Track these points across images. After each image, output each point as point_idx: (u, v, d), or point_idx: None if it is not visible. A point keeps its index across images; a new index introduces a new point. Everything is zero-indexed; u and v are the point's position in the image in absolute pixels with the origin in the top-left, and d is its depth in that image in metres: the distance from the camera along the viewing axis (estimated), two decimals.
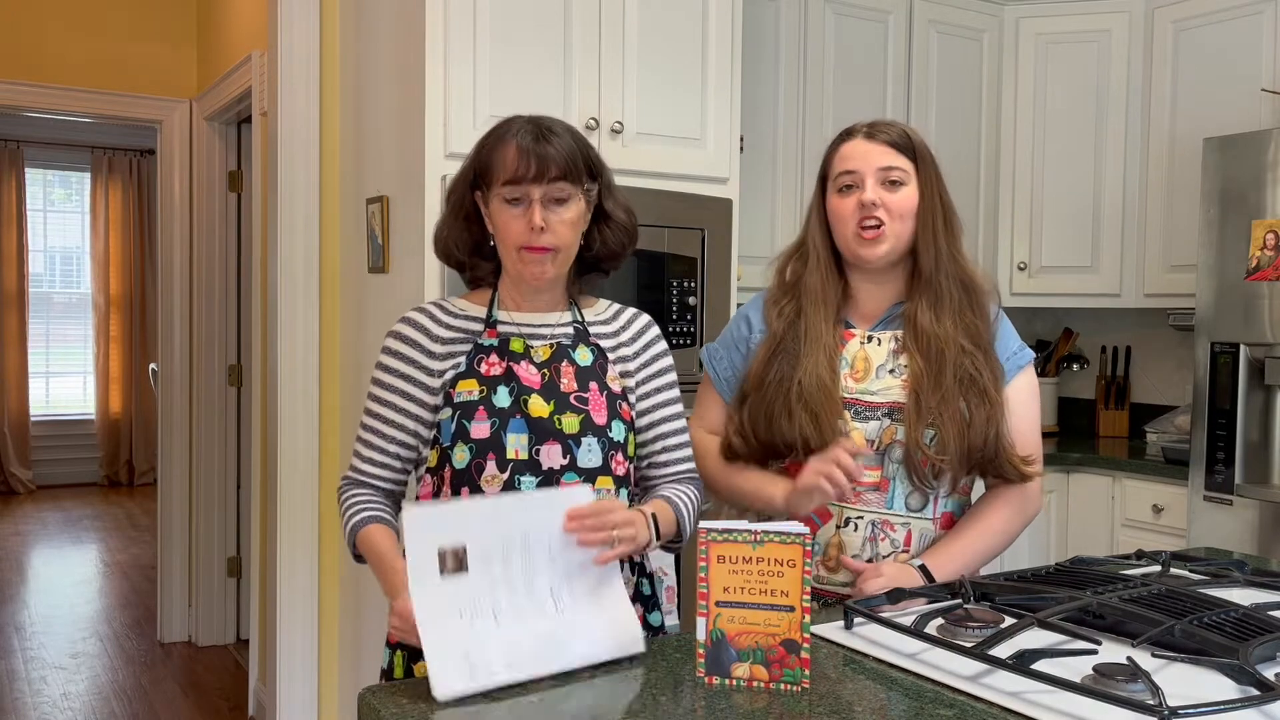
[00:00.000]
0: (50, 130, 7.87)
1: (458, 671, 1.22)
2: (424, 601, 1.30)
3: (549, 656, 1.27)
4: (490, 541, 1.34)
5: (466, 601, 1.31)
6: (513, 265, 1.56)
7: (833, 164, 1.74)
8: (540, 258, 1.52)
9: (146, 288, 8.39)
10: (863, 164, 1.69)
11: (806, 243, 1.77)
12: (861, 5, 3.56)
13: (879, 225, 1.67)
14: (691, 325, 2.85)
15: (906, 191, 1.68)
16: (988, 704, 1.15)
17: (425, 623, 1.28)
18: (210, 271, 4.54)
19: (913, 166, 1.69)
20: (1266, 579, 1.60)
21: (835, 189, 1.72)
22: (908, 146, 1.70)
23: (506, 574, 1.34)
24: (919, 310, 1.69)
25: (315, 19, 3.14)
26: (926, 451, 1.63)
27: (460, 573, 1.32)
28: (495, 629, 1.30)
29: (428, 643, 1.26)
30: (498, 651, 1.26)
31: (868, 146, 1.70)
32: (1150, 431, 3.56)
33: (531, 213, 1.50)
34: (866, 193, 1.67)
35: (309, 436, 3.18)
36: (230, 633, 4.63)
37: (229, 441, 4.57)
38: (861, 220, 1.67)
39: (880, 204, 1.67)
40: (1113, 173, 3.75)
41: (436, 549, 1.32)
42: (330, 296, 3.20)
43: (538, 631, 1.30)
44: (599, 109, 2.73)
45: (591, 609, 1.36)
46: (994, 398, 1.67)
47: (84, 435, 8.60)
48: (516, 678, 1.23)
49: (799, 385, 1.65)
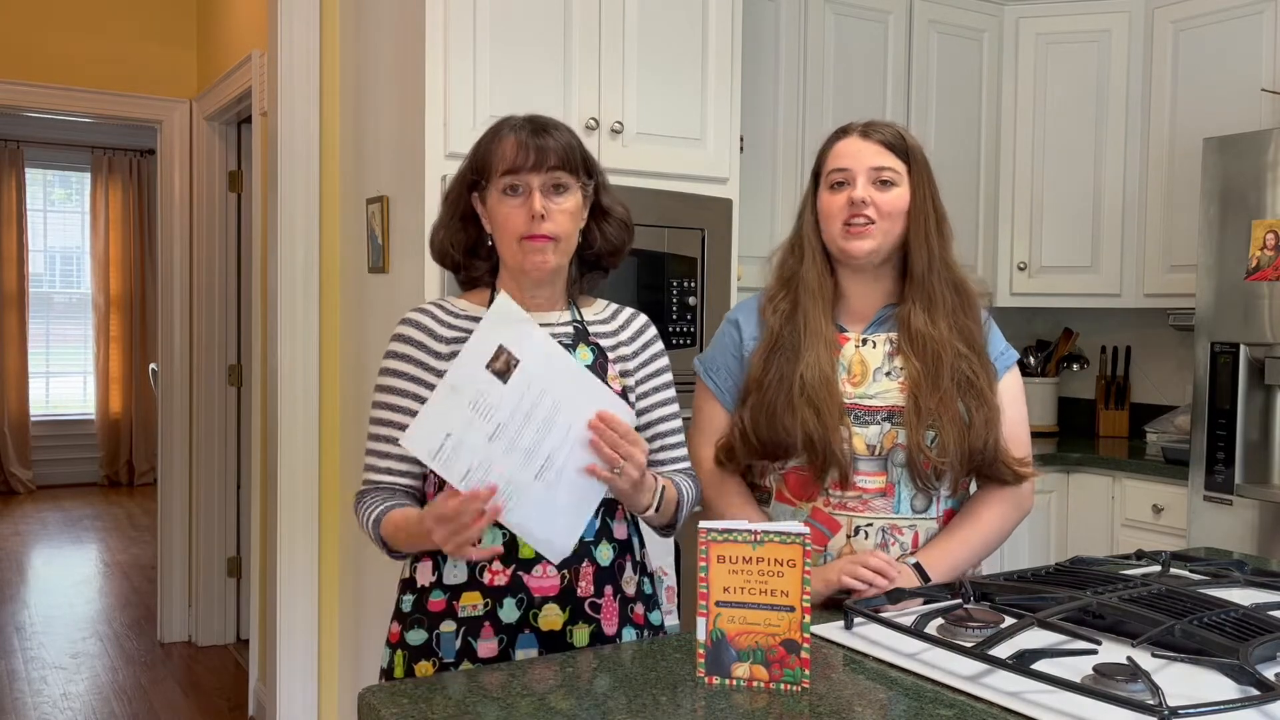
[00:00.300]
0: (50, 130, 7.87)
1: (431, 440, 1.35)
2: (458, 373, 1.39)
3: (499, 499, 1.36)
4: (536, 381, 1.40)
5: (484, 403, 1.38)
6: (513, 258, 1.55)
7: (826, 161, 1.74)
8: (541, 246, 1.52)
9: (146, 288, 8.39)
10: (855, 162, 1.69)
11: (801, 238, 1.77)
12: (861, 5, 3.56)
13: (868, 223, 1.67)
14: (691, 325, 2.85)
15: (897, 192, 1.68)
16: (988, 704, 1.15)
17: (446, 385, 1.38)
18: (210, 271, 4.54)
19: (905, 168, 1.69)
20: (1266, 579, 1.60)
21: (827, 186, 1.72)
22: (901, 148, 1.70)
23: (528, 415, 1.39)
24: (913, 313, 1.69)
25: (315, 19, 3.14)
26: (929, 454, 1.63)
27: (499, 378, 1.39)
28: (484, 443, 1.37)
29: (434, 400, 1.37)
30: (471, 458, 1.36)
31: (861, 145, 1.70)
32: (1150, 431, 3.56)
33: (531, 201, 1.50)
34: (857, 190, 1.67)
35: (309, 436, 3.18)
36: (230, 633, 4.63)
37: (229, 441, 4.57)
38: (850, 217, 1.67)
39: (870, 202, 1.67)
40: (1113, 173, 3.75)
41: (500, 343, 1.39)
42: (330, 296, 3.20)
43: (509, 477, 1.38)
44: (599, 109, 2.73)
45: (557, 502, 1.41)
46: (991, 400, 1.68)
47: (84, 435, 8.60)
48: (461, 487, 1.34)
49: (800, 380, 1.65)
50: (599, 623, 1.54)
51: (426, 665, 1.53)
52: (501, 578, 1.51)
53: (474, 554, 1.38)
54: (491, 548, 1.42)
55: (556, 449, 1.40)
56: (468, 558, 1.43)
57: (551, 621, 1.51)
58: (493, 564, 1.51)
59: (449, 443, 1.35)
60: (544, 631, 1.51)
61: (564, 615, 1.52)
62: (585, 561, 1.53)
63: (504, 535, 1.50)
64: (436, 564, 1.54)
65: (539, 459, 1.40)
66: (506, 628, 1.51)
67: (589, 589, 1.53)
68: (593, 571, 1.54)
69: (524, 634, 1.51)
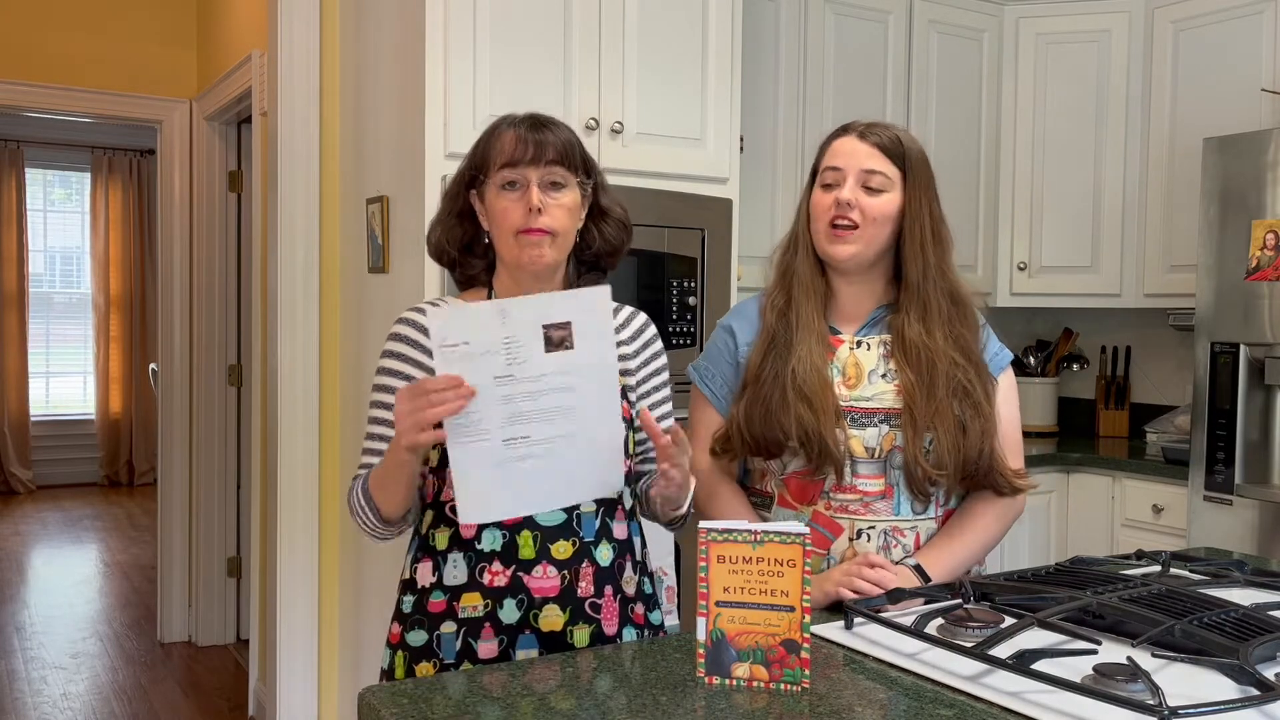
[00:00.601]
0: (50, 130, 7.87)
1: (450, 334, 1.33)
2: (517, 309, 1.34)
3: (464, 427, 1.35)
4: (571, 376, 1.37)
5: (516, 348, 1.35)
6: (509, 252, 1.54)
7: (823, 158, 1.74)
8: (538, 240, 1.51)
9: (146, 288, 8.39)
10: (847, 162, 1.68)
11: (796, 235, 1.77)
12: (861, 5, 3.56)
13: (852, 226, 1.66)
14: (691, 325, 2.85)
15: (886, 198, 1.67)
16: (988, 704, 1.15)
17: (496, 308, 1.33)
18: (210, 271, 4.54)
19: (899, 174, 1.68)
20: (1266, 579, 1.60)
21: (820, 184, 1.72)
22: (898, 152, 1.68)
23: (540, 393, 1.36)
24: (906, 323, 1.68)
25: (315, 19, 3.14)
26: (925, 465, 1.63)
27: (546, 341, 1.35)
28: (490, 378, 1.34)
29: (478, 310, 1.33)
30: (466, 375, 1.33)
31: (856, 145, 1.69)
32: (1150, 431, 3.56)
33: (529, 195, 1.50)
34: (844, 192, 1.66)
35: (309, 436, 3.18)
36: (230, 633, 4.63)
37: (229, 441, 4.58)
38: (834, 219, 1.67)
39: (855, 205, 1.65)
40: (1113, 173, 3.75)
41: (572, 320, 1.35)
42: (330, 296, 3.20)
43: (484, 419, 1.36)
44: (599, 109, 2.73)
45: (502, 475, 1.38)
46: (987, 411, 1.67)
47: (84, 435, 8.60)
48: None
49: (793, 373, 1.64)
50: (599, 623, 1.54)
51: (427, 666, 1.52)
52: (502, 578, 1.50)
53: (423, 438, 1.34)
54: (437, 432, 1.35)
55: (538, 437, 1.38)
56: (416, 443, 1.36)
57: (552, 622, 1.51)
58: (493, 565, 1.51)
59: (461, 348, 1.33)
60: (544, 632, 1.51)
61: (564, 616, 1.51)
62: (585, 562, 1.53)
63: (503, 536, 1.50)
64: (437, 565, 1.54)
65: (519, 430, 1.37)
66: (507, 628, 1.50)
67: (589, 589, 1.53)
68: (593, 572, 1.54)
69: (524, 635, 1.51)
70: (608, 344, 1.38)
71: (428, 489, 1.58)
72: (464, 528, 1.52)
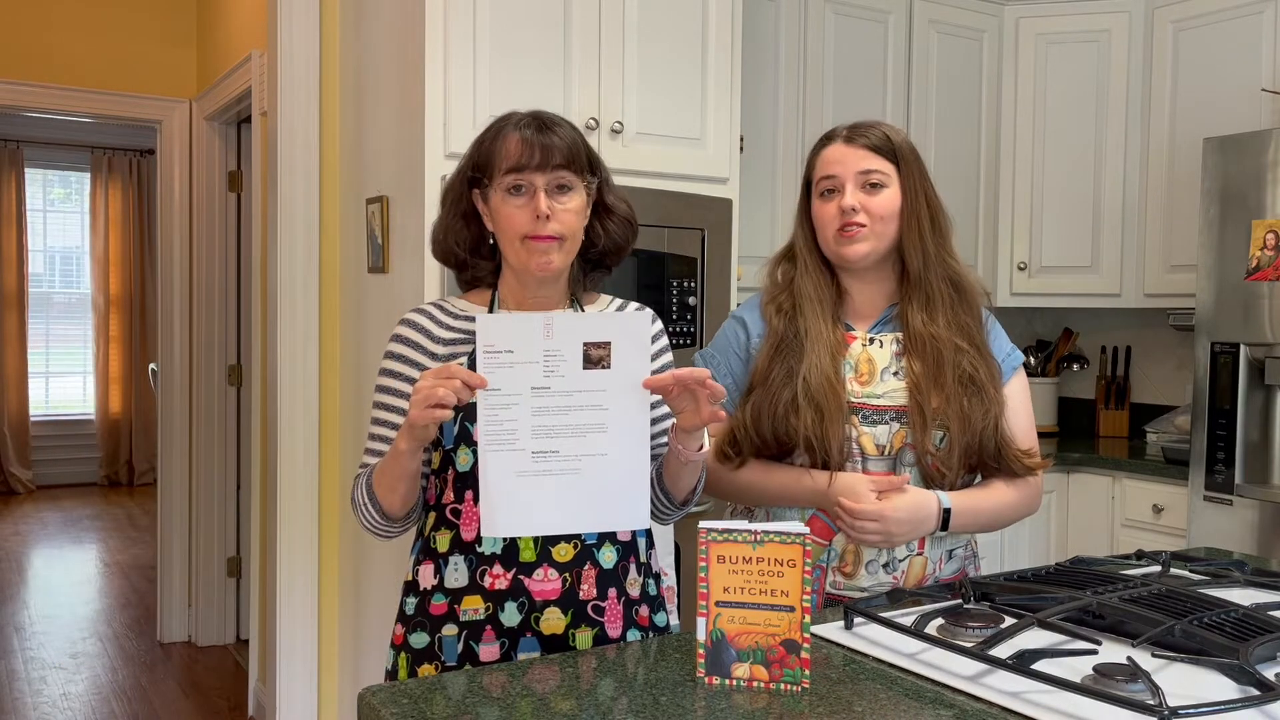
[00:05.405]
0: (50, 130, 7.87)
1: (499, 338, 1.36)
2: (563, 322, 1.37)
3: (498, 440, 1.37)
4: (607, 395, 1.39)
5: (556, 362, 1.37)
6: (516, 258, 1.53)
7: (815, 168, 1.75)
8: (546, 246, 1.50)
9: (146, 288, 8.39)
10: (842, 168, 1.70)
11: (794, 247, 1.78)
12: (861, 5, 3.56)
13: (860, 227, 1.68)
14: (691, 325, 2.85)
15: (887, 194, 1.69)
16: (988, 704, 1.15)
17: (543, 321, 1.36)
18: (210, 271, 4.54)
19: (894, 168, 1.70)
20: (1266, 579, 1.60)
21: (818, 194, 1.74)
22: (888, 149, 1.70)
23: (571, 409, 1.38)
24: (910, 312, 1.71)
25: (315, 19, 3.14)
26: (936, 456, 1.65)
27: (585, 358, 1.38)
28: (528, 388, 1.37)
29: (524, 321, 1.36)
30: (505, 385, 1.36)
31: (846, 150, 1.71)
32: (1150, 431, 3.56)
33: (536, 200, 1.48)
34: (846, 198, 1.68)
35: (309, 436, 3.18)
36: (230, 633, 4.63)
37: (229, 441, 4.58)
38: (842, 225, 1.69)
39: (860, 208, 1.68)
40: (1113, 173, 3.75)
41: (613, 342, 1.38)
42: (330, 296, 3.20)
43: (515, 429, 1.38)
44: (599, 109, 2.73)
45: (530, 490, 1.39)
46: (992, 395, 1.69)
47: (84, 435, 8.60)
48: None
49: (804, 381, 1.65)
50: (602, 625, 1.53)
51: (429, 668, 1.52)
52: (502, 581, 1.50)
53: (434, 414, 1.33)
54: (444, 411, 1.34)
55: (566, 453, 1.39)
56: (423, 418, 1.34)
57: (553, 625, 1.50)
58: (494, 567, 1.50)
59: (504, 355, 1.36)
60: (545, 635, 1.50)
61: (566, 619, 1.51)
62: (587, 564, 1.53)
63: (504, 539, 1.50)
64: (438, 567, 1.54)
65: (548, 444, 1.39)
66: (508, 631, 1.50)
67: (591, 592, 1.53)
68: (595, 575, 1.53)
69: (525, 638, 1.50)
70: (643, 368, 1.40)
71: (430, 491, 1.58)
72: (465, 530, 1.52)
